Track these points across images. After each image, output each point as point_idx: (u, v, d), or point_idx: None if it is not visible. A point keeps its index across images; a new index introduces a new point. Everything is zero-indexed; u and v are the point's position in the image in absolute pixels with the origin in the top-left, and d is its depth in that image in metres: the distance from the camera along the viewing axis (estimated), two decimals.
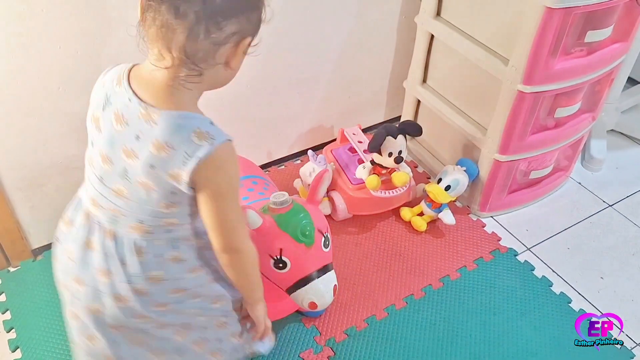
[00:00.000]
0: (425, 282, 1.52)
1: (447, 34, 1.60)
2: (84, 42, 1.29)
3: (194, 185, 0.80)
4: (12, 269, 1.53)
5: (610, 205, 1.79)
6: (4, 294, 1.46)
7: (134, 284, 0.86)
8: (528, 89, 1.40)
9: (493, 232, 1.68)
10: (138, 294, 0.86)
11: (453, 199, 1.64)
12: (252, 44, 0.80)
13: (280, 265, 1.06)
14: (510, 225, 1.71)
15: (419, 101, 1.84)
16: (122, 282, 0.86)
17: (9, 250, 1.51)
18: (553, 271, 1.57)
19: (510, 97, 1.44)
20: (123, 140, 0.79)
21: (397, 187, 1.60)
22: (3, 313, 1.42)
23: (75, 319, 0.94)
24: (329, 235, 1.12)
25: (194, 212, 0.86)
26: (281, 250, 1.05)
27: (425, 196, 1.67)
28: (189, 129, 0.76)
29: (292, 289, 1.09)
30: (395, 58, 1.88)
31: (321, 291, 1.08)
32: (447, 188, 1.61)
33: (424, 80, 1.80)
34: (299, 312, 1.40)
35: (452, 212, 1.64)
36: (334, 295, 1.11)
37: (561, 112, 1.54)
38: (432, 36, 1.68)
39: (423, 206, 1.68)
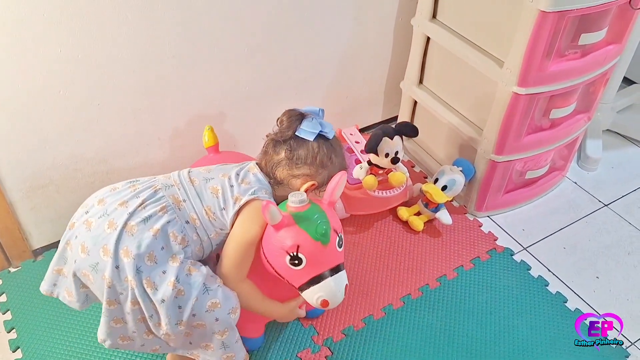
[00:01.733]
0: (422, 281, 1.53)
1: (443, 36, 1.61)
2: (85, 46, 1.30)
3: (237, 216, 1.13)
4: (12, 270, 1.54)
5: (605, 205, 1.81)
6: (4, 295, 1.47)
7: (130, 220, 1.07)
8: (523, 90, 1.42)
9: (490, 231, 1.70)
10: (126, 229, 1.06)
11: (450, 199, 1.65)
12: (314, 189, 1.19)
13: (296, 262, 1.08)
14: (507, 225, 1.73)
15: (415, 101, 1.86)
16: (125, 215, 1.07)
17: (10, 250, 1.52)
18: (549, 270, 1.59)
19: (506, 99, 1.46)
20: (226, 171, 1.19)
21: (394, 187, 1.62)
22: (4, 313, 1.43)
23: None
24: (342, 236, 1.15)
25: (209, 240, 1.15)
26: (298, 247, 1.08)
27: (422, 196, 1.68)
28: (266, 187, 1.17)
29: (304, 287, 1.11)
30: (392, 59, 1.90)
31: (333, 290, 1.10)
32: (444, 188, 1.62)
33: (421, 81, 1.82)
34: None
35: (448, 211, 1.66)
36: (344, 295, 1.13)
37: (556, 113, 1.56)
38: (428, 38, 1.69)
39: (420, 206, 1.70)
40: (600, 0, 1.31)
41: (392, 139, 1.54)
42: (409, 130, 1.58)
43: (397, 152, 1.55)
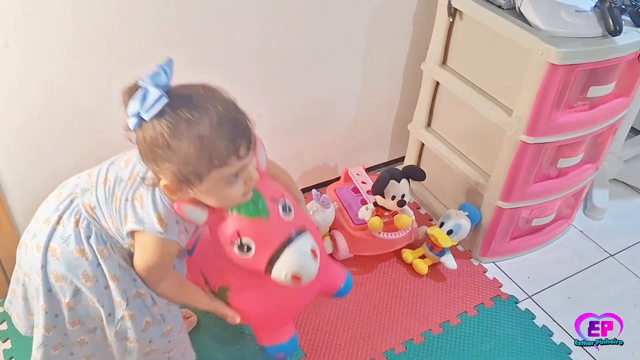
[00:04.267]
0: (425, 326, 1.52)
1: (452, 82, 1.64)
2: (101, 82, 1.33)
3: (132, 237, 0.99)
4: None
5: (611, 255, 1.79)
6: (5, 323, 1.47)
7: (51, 242, 1.00)
8: (531, 139, 1.43)
9: (494, 278, 1.68)
10: (49, 251, 1.00)
11: (455, 244, 1.64)
12: (174, 188, 0.92)
13: (245, 249, 0.99)
14: (512, 272, 1.71)
15: (422, 144, 1.87)
16: (45, 236, 1.00)
17: None
18: (554, 320, 1.57)
19: (514, 147, 1.47)
20: (138, 170, 0.99)
21: (399, 230, 1.62)
22: (4, 342, 1.42)
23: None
24: (286, 200, 1.02)
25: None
26: (239, 232, 0.98)
27: (427, 239, 1.68)
28: (159, 210, 0.95)
29: (268, 269, 1.00)
30: (401, 101, 1.92)
31: (296, 260, 0.98)
32: (450, 232, 1.62)
33: (429, 124, 1.83)
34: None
35: (453, 256, 1.65)
36: (315, 260, 1.00)
37: (564, 163, 1.57)
38: (438, 83, 1.72)
39: (425, 249, 1.69)
40: (609, 56, 1.34)
41: (399, 181, 1.55)
42: (416, 174, 1.59)
43: (403, 195, 1.56)
